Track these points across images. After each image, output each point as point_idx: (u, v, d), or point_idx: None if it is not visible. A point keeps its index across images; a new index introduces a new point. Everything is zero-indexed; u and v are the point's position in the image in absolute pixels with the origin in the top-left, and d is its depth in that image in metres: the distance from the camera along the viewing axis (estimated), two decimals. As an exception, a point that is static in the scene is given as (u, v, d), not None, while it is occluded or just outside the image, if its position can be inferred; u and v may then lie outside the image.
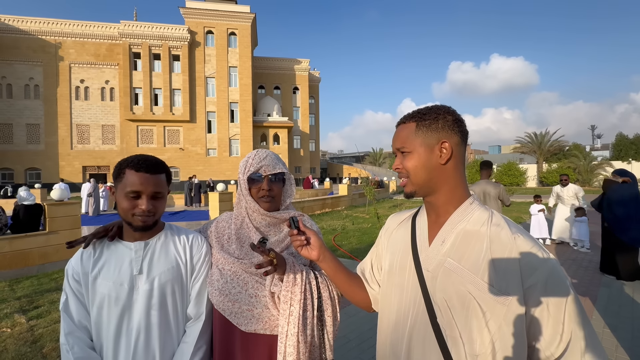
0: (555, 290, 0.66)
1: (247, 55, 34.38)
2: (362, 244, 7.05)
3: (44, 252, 5.36)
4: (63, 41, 30.92)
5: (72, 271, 0.98)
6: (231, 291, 0.99)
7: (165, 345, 0.99)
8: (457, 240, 0.75)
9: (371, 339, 3.00)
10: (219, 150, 33.96)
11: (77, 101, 31.47)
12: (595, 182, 29.06)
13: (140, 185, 0.96)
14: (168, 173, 1.06)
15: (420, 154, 0.78)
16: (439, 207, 0.81)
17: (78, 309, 0.96)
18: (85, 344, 0.94)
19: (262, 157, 1.10)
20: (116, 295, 0.95)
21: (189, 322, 1.06)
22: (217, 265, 1.06)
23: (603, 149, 42.48)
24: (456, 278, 0.72)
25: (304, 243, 0.92)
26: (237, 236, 1.09)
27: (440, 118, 0.78)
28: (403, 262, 0.84)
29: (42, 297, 4.11)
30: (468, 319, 0.69)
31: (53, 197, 5.64)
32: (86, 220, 10.85)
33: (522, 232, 0.73)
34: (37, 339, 3.03)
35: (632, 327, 3.24)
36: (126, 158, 1.00)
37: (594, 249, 6.41)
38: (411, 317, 0.77)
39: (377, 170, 42.07)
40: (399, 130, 0.83)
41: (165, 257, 1.03)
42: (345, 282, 0.97)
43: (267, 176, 1.08)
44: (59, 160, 30.90)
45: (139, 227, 0.98)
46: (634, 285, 4.42)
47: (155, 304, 0.98)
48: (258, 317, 0.97)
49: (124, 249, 1.01)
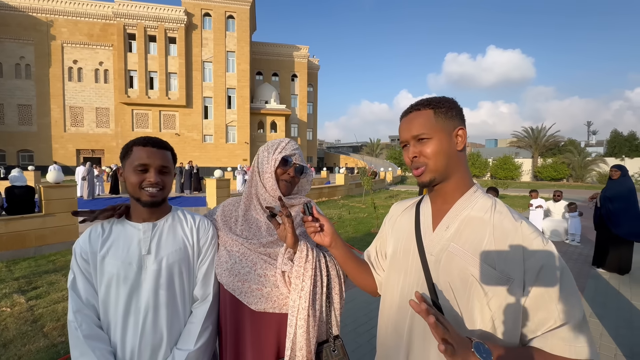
0: (552, 273, 0.69)
1: (245, 40, 33.67)
2: (358, 233, 7.14)
3: (40, 234, 5.34)
4: (55, 19, 29.95)
5: (80, 250, 0.98)
6: (240, 271, 1.01)
7: (172, 325, 1.01)
8: (461, 227, 0.78)
9: (366, 323, 3.09)
10: (215, 137, 33.65)
11: (71, 82, 30.76)
12: (588, 177, 29.48)
13: (147, 159, 0.98)
14: (173, 152, 1.08)
15: (441, 139, 0.79)
16: (446, 193, 0.82)
17: (86, 287, 0.97)
18: (93, 322, 0.95)
19: (295, 146, 1.13)
20: (125, 274, 0.96)
21: (196, 302, 1.07)
22: (225, 246, 1.08)
23: (598, 145, 42.85)
24: (459, 261, 0.74)
25: (317, 229, 0.93)
26: (245, 218, 1.11)
27: (453, 106, 0.81)
28: (407, 247, 0.86)
29: (40, 278, 4.13)
30: (470, 300, 0.72)
31: (49, 180, 5.60)
32: (82, 203, 10.78)
33: (525, 220, 0.76)
34: (37, 319, 3.07)
35: (617, 317, 3.38)
36: (133, 139, 1.02)
37: (584, 243, 6.61)
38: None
39: (374, 161, 42.15)
40: (414, 117, 0.82)
41: (172, 238, 1.04)
42: (355, 268, 1.00)
43: (295, 164, 1.11)
44: (52, 142, 30.41)
45: (147, 202, 0.98)
46: (620, 278, 4.57)
47: (163, 284, 0.99)
48: (267, 296, 0.99)
49: (132, 230, 1.01)
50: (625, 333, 3.03)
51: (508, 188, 19.02)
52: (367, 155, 48.48)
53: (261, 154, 1.13)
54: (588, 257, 5.59)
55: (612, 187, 4.73)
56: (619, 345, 2.81)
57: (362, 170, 12.98)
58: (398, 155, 39.88)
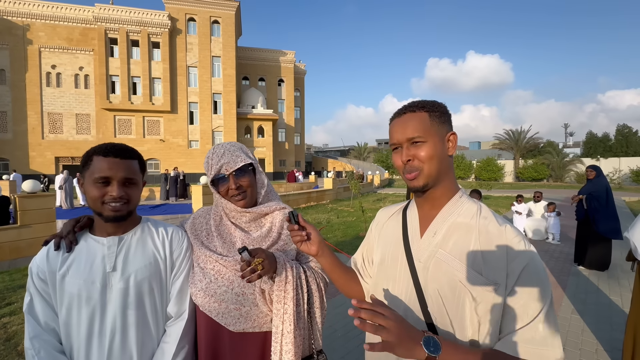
0: (532, 277, 0.70)
1: (231, 45, 33.49)
2: (346, 237, 7.14)
3: (15, 247, 5.09)
4: (32, 23, 28.95)
5: (36, 269, 0.90)
6: (217, 291, 0.96)
7: (143, 346, 0.94)
8: (448, 233, 0.77)
9: (356, 329, 3.07)
10: (201, 143, 33.15)
11: (49, 88, 29.70)
12: (567, 178, 30.59)
13: (109, 170, 0.89)
14: (141, 160, 0.99)
15: (436, 143, 0.77)
16: (435, 199, 0.82)
17: (44, 309, 0.89)
18: (52, 348, 0.88)
19: (220, 154, 1.02)
20: (87, 294, 0.89)
21: (170, 321, 1.00)
22: (199, 263, 1.01)
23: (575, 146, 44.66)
24: (447, 268, 0.74)
25: (304, 238, 0.90)
26: (218, 232, 1.05)
27: (445, 111, 0.80)
28: (395, 254, 0.85)
29: (14, 294, 3.93)
30: (459, 307, 0.72)
31: (25, 189, 5.35)
32: (61, 214, 10.37)
33: (509, 224, 0.77)
34: (10, 337, 2.90)
35: (597, 312, 3.49)
36: (94, 146, 0.93)
37: (564, 241, 6.82)
38: (403, 307, 0.79)
39: (362, 164, 42.45)
40: (409, 119, 0.78)
41: (142, 253, 0.97)
42: (342, 276, 0.97)
43: (230, 174, 1.01)
44: (29, 150, 29.19)
45: (110, 218, 0.91)
46: (599, 275, 4.74)
47: (131, 303, 0.92)
48: (246, 315, 0.95)
49: (95, 245, 0.93)
50: (605, 327, 3.13)
51: (492, 189, 19.51)
52: (354, 159, 48.81)
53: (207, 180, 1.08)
54: (569, 255, 5.78)
55: (589, 186, 4.93)
56: (600, 340, 2.90)
57: (350, 173, 13.02)
58: (385, 159, 40.30)
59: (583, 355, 2.68)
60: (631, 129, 32.15)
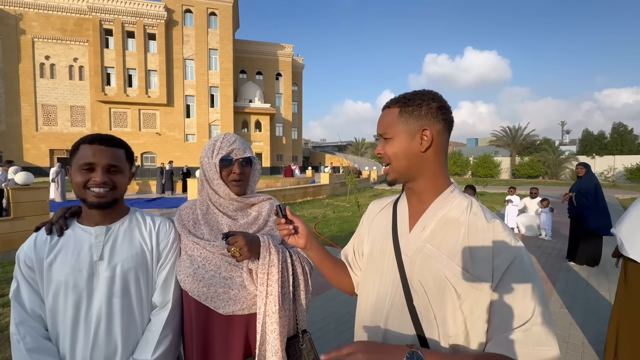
0: (519, 273, 0.68)
1: (228, 38, 33.11)
2: (342, 232, 7.18)
3: (8, 239, 5.07)
4: (24, 12, 28.39)
5: (24, 257, 0.91)
6: (204, 276, 0.98)
7: (128, 334, 0.96)
8: (437, 228, 0.77)
9: (348, 322, 3.12)
10: (198, 136, 32.94)
11: (42, 79, 29.26)
12: (562, 175, 30.86)
13: (93, 157, 0.91)
14: (128, 150, 1.01)
15: (401, 140, 0.78)
16: (420, 193, 0.81)
17: (30, 296, 0.90)
18: (38, 334, 0.89)
19: (232, 140, 1.08)
20: (74, 282, 0.90)
21: (155, 310, 1.02)
22: (186, 251, 1.04)
23: (571, 144, 44.95)
24: (434, 263, 0.74)
25: (291, 232, 0.91)
26: (206, 220, 1.07)
27: (424, 105, 0.76)
28: (383, 247, 0.85)
29: (7, 286, 3.92)
30: (443, 302, 0.71)
31: (17, 181, 5.31)
32: (54, 206, 10.30)
33: (499, 219, 0.76)
34: (4, 328, 2.92)
35: (585, 307, 3.56)
36: (82, 137, 0.95)
37: (557, 237, 6.92)
38: (389, 300, 0.79)
39: (359, 160, 42.48)
40: (383, 116, 0.82)
41: (129, 243, 0.98)
42: (331, 269, 0.98)
43: (238, 160, 1.06)
44: (22, 142, 28.86)
45: (94, 204, 0.92)
46: (589, 270, 4.82)
47: (117, 292, 0.94)
48: (235, 298, 0.98)
49: (82, 234, 0.95)
50: (592, 322, 3.19)
51: (488, 185, 19.64)
52: (352, 155, 48.80)
53: (203, 161, 1.09)
54: (561, 251, 5.86)
55: (579, 183, 4.99)
56: (586, 334, 2.96)
57: (347, 169, 13.05)
58: (382, 154, 40.25)
59: (570, 348, 2.74)
60: (626, 127, 32.42)
